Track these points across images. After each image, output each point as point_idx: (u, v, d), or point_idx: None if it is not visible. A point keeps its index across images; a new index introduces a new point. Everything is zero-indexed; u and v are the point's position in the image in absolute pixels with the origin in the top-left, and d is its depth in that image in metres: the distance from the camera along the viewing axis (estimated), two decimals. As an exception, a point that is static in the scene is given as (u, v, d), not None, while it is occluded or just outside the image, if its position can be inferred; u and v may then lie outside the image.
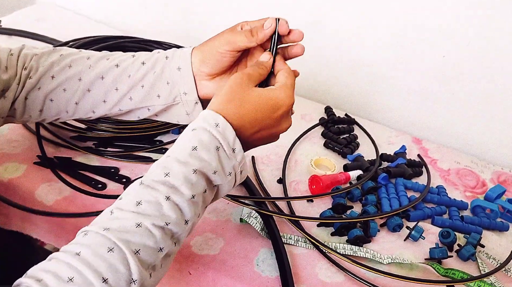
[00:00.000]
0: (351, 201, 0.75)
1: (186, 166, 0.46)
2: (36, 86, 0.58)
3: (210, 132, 0.48)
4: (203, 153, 0.47)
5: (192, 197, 0.45)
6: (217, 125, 0.48)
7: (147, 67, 0.59)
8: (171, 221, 0.44)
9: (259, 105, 0.51)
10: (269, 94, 0.52)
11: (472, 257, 0.67)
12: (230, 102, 0.50)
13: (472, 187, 0.85)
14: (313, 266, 0.62)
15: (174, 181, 0.45)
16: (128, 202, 0.44)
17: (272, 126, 0.53)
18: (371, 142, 0.91)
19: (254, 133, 0.51)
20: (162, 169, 0.46)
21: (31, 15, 1.12)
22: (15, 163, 0.69)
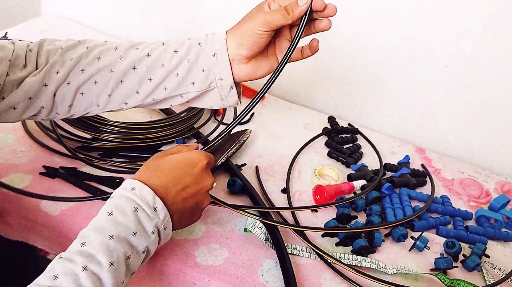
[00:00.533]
0: (355, 211, 0.75)
1: (102, 232, 0.45)
2: (65, 81, 0.58)
3: (126, 196, 0.49)
4: (119, 217, 0.47)
5: (111, 264, 0.44)
6: (133, 189, 0.49)
7: (181, 55, 0.57)
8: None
9: (175, 165, 0.54)
10: (180, 155, 0.55)
11: (477, 267, 0.67)
12: (146, 171, 0.53)
13: (476, 197, 0.85)
14: (317, 276, 0.62)
15: (90, 250, 0.44)
16: (45, 276, 0.43)
17: (195, 183, 0.54)
18: (374, 152, 0.91)
19: (179, 192, 0.53)
20: (79, 238, 0.46)
21: (37, 26, 1.13)
22: (20, 173, 0.69)
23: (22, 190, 0.66)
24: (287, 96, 1.06)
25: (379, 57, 0.94)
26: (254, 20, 0.56)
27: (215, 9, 1.05)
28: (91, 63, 0.58)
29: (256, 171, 0.80)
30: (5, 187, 0.66)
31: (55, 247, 0.67)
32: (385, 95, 0.98)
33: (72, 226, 0.64)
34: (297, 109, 1.03)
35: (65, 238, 0.65)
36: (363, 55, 0.95)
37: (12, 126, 0.79)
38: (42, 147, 0.75)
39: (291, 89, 1.06)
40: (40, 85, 0.57)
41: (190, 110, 0.84)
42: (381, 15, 0.89)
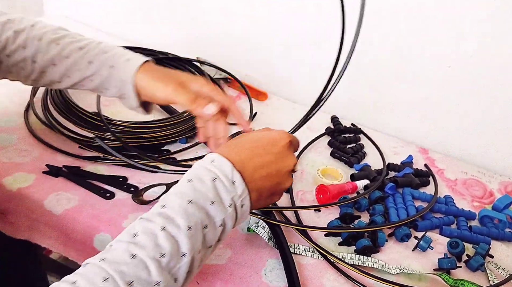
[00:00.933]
0: (358, 211, 0.74)
1: (182, 196, 0.46)
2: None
3: (205, 167, 0.49)
4: (198, 184, 0.48)
5: (188, 228, 0.45)
6: (213, 161, 0.50)
7: (95, 68, 0.64)
8: (166, 252, 0.43)
9: (255, 142, 0.53)
10: (263, 133, 0.55)
11: (481, 267, 0.67)
12: (225, 147, 0.53)
13: (479, 197, 0.85)
14: (320, 276, 0.62)
15: (169, 212, 0.45)
16: (125, 234, 0.44)
17: (275, 161, 0.53)
18: (377, 152, 0.91)
19: (258, 169, 0.52)
20: (160, 202, 0.47)
21: (40, 26, 1.13)
22: (23, 172, 0.69)
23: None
24: (291, 96, 1.06)
25: (382, 58, 0.93)
26: (165, 83, 0.62)
27: (215, 8, 1.05)
28: (16, 50, 0.63)
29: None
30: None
31: (58, 245, 0.67)
32: (388, 95, 0.97)
33: (76, 225, 0.64)
34: (300, 109, 1.02)
35: (68, 237, 0.65)
36: (366, 55, 0.95)
37: (16, 126, 0.79)
38: (46, 145, 0.75)
39: (294, 89, 1.06)
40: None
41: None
42: (385, 15, 0.89)
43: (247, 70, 1.07)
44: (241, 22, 1.04)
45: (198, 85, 0.63)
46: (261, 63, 1.06)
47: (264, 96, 1.04)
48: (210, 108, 0.61)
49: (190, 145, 0.82)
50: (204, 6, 1.06)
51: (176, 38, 1.13)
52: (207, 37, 1.10)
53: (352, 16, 0.65)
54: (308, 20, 0.97)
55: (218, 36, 1.08)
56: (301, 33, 0.99)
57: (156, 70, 0.64)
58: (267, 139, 0.54)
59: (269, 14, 1.00)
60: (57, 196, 0.66)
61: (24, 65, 0.64)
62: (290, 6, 0.97)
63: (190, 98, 0.61)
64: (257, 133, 0.56)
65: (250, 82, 1.05)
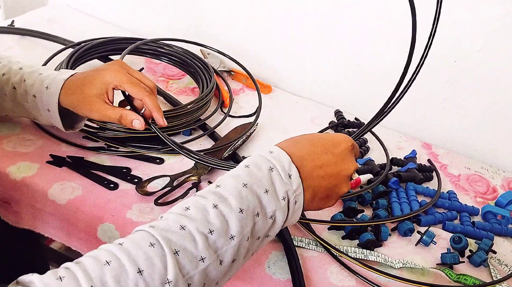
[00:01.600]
0: (361, 205, 0.74)
1: (237, 179, 0.47)
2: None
3: (263, 156, 0.49)
4: (255, 170, 0.48)
5: (240, 211, 0.44)
6: (271, 152, 0.50)
7: (21, 94, 0.66)
8: (215, 229, 0.43)
9: (316, 141, 0.52)
10: (325, 134, 0.54)
11: (483, 263, 0.67)
12: (286, 141, 0.53)
13: (482, 193, 0.85)
14: (324, 269, 0.62)
15: (223, 192, 0.46)
16: (178, 207, 0.45)
17: (334, 163, 0.52)
18: (381, 146, 0.90)
19: (316, 168, 0.50)
20: (215, 182, 0.47)
21: (44, 15, 1.13)
22: (28, 162, 0.69)
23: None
24: (294, 89, 1.06)
25: (387, 52, 0.93)
26: (90, 105, 0.63)
27: (220, 1, 1.04)
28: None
29: (262, 164, 0.79)
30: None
31: (61, 235, 0.67)
32: (392, 90, 0.97)
33: (79, 215, 0.64)
34: (304, 103, 1.02)
35: (72, 227, 0.65)
36: (370, 51, 0.95)
37: (19, 115, 0.79)
38: (50, 135, 0.75)
39: (298, 83, 1.06)
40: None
41: (196, 102, 0.83)
42: (389, 9, 0.89)
43: (250, 63, 1.07)
44: (245, 15, 1.04)
45: (116, 83, 0.64)
46: (264, 56, 1.06)
47: (268, 89, 1.03)
48: (136, 124, 0.64)
49: (194, 137, 0.82)
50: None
51: (179, 29, 1.12)
52: (210, 30, 1.09)
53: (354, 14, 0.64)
54: (312, 13, 0.96)
55: (221, 29, 1.08)
56: (305, 26, 0.98)
57: (73, 92, 0.64)
58: (329, 140, 0.53)
59: (274, 6, 0.99)
60: (61, 186, 0.66)
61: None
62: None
63: (115, 119, 0.64)
64: (319, 133, 0.55)
65: (253, 75, 1.05)
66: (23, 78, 0.66)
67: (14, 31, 1.03)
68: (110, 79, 0.63)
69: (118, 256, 0.39)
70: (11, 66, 0.68)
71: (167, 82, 0.99)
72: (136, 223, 0.63)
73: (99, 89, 0.63)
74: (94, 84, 0.63)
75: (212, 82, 0.90)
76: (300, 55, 1.02)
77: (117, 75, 0.63)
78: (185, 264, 0.40)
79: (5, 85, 0.67)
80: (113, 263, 0.38)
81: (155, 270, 0.39)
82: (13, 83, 0.66)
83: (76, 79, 0.65)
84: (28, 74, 0.66)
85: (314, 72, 1.03)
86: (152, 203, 0.66)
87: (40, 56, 0.90)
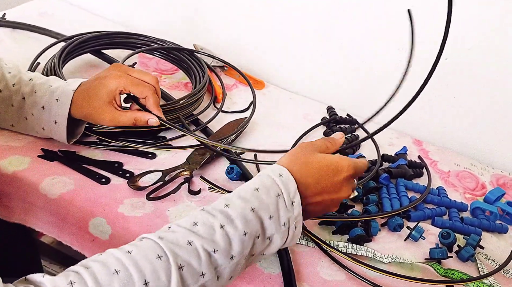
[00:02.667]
0: (352, 200, 0.75)
1: (246, 202, 0.49)
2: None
3: (273, 180, 0.51)
4: (263, 195, 0.50)
5: (244, 234, 0.47)
6: (281, 175, 0.52)
7: (29, 105, 0.67)
8: (219, 249, 0.45)
9: (322, 167, 0.55)
10: (331, 158, 0.56)
11: (471, 258, 0.68)
12: (296, 162, 0.54)
13: (471, 189, 0.86)
14: (314, 264, 0.63)
15: (231, 213, 0.48)
16: (186, 221, 0.47)
17: (333, 191, 0.55)
18: (372, 143, 0.91)
19: (316, 195, 0.54)
20: (224, 200, 0.49)
21: (36, 8, 1.12)
22: (19, 156, 0.69)
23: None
24: (287, 85, 1.06)
25: (379, 50, 0.93)
26: (101, 114, 0.65)
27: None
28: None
29: (255, 159, 0.80)
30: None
31: (53, 229, 0.67)
32: (384, 87, 0.98)
33: (71, 209, 0.64)
34: (297, 99, 1.03)
35: (64, 221, 0.65)
36: (363, 48, 0.95)
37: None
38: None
39: (291, 79, 1.06)
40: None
41: (189, 97, 0.83)
42: (382, 8, 0.89)
43: (244, 58, 1.07)
44: (239, 10, 1.03)
45: (121, 88, 0.65)
46: (257, 52, 1.06)
47: (261, 85, 1.04)
48: (152, 122, 0.67)
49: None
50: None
51: (173, 24, 1.12)
52: (204, 25, 1.09)
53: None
54: (307, 11, 0.96)
55: (215, 24, 1.08)
56: (299, 22, 0.98)
57: (82, 106, 0.66)
58: (334, 167, 0.55)
59: (269, 4, 0.99)
60: (53, 180, 0.66)
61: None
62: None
63: (128, 124, 0.67)
64: (326, 157, 0.56)
65: (247, 70, 1.05)
66: (34, 89, 0.66)
67: (5, 24, 1.02)
68: (114, 86, 0.65)
69: (127, 265, 0.40)
70: (21, 77, 0.68)
71: (160, 77, 0.99)
72: (127, 217, 0.63)
73: (106, 98, 0.65)
74: (100, 95, 0.65)
75: (205, 78, 0.90)
76: (293, 51, 1.02)
77: (120, 80, 0.65)
78: (187, 278, 0.43)
79: (14, 95, 0.67)
80: (122, 273, 0.40)
81: (159, 283, 0.41)
82: (23, 93, 0.66)
83: (82, 91, 0.66)
84: (39, 86, 0.67)
85: (307, 68, 1.03)
86: (144, 197, 0.66)
87: (32, 49, 0.90)
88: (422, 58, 0.75)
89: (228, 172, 0.73)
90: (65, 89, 0.66)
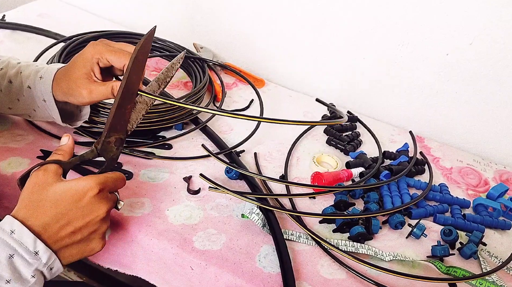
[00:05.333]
0: (353, 198, 0.75)
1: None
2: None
3: (3, 241, 0.47)
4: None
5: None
6: (12, 232, 0.47)
7: (17, 87, 0.66)
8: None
9: (59, 200, 0.50)
10: (68, 186, 0.51)
11: (474, 255, 0.67)
12: (26, 206, 0.50)
13: (474, 186, 0.85)
14: (315, 262, 0.63)
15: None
16: None
17: (82, 216, 0.51)
18: (373, 140, 0.91)
19: (62, 227, 0.50)
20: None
21: (35, 10, 1.12)
22: (18, 157, 0.69)
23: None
24: (288, 83, 1.06)
25: (380, 46, 0.93)
26: (78, 87, 0.62)
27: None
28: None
29: (255, 158, 0.80)
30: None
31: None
32: (385, 84, 0.97)
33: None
34: (297, 96, 1.02)
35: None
36: (363, 44, 0.94)
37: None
38: (40, 131, 0.75)
39: (291, 77, 1.05)
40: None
41: (189, 97, 0.83)
42: (383, 2, 0.88)
43: (244, 57, 1.07)
44: (238, 10, 1.03)
45: (97, 56, 0.62)
46: (258, 51, 1.06)
47: (261, 83, 1.03)
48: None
49: (186, 131, 0.82)
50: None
51: (173, 24, 1.11)
52: (203, 24, 1.08)
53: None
54: (306, 8, 0.96)
55: (215, 23, 1.07)
56: (300, 20, 0.98)
57: (62, 80, 0.63)
58: (72, 194, 0.51)
59: (269, 2, 0.99)
60: (52, 181, 0.66)
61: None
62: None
63: (106, 94, 0.62)
64: (60, 187, 0.51)
65: (247, 69, 1.04)
66: (20, 70, 0.66)
67: (5, 26, 1.02)
68: (90, 54, 0.62)
69: None
70: (10, 61, 0.68)
71: (159, 76, 0.98)
72: (126, 217, 0.63)
73: (84, 69, 0.62)
74: (77, 65, 0.62)
75: (205, 77, 0.90)
76: (293, 49, 1.02)
77: (95, 48, 0.62)
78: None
79: (0, 80, 0.67)
80: None
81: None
82: (9, 76, 0.66)
83: (64, 69, 0.65)
84: (25, 67, 0.67)
85: (307, 66, 1.02)
86: (143, 197, 0.66)
87: (32, 50, 0.90)
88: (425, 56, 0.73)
89: (227, 171, 0.73)
90: (49, 68, 0.65)
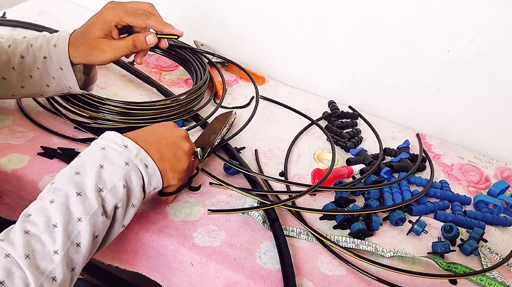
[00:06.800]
0: (353, 195, 0.74)
1: (69, 170, 0.51)
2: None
3: (95, 142, 0.54)
4: (84, 156, 0.53)
5: (78, 194, 0.48)
6: (102, 137, 0.55)
7: (30, 62, 0.66)
8: (58, 221, 0.46)
9: (150, 127, 0.61)
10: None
11: (474, 251, 0.67)
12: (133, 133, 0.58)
13: (475, 182, 0.85)
14: (315, 259, 0.62)
15: (57, 185, 0.50)
16: (21, 215, 0.48)
17: (169, 134, 0.60)
18: (375, 136, 0.90)
19: (148, 135, 0.58)
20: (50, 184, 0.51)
21: (36, 7, 1.12)
22: (18, 154, 0.69)
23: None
24: (288, 80, 1.06)
25: (381, 43, 0.92)
26: (100, 44, 0.64)
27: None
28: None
29: (255, 154, 0.79)
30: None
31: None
32: (386, 81, 0.97)
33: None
34: (297, 93, 1.02)
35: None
36: (365, 42, 0.94)
37: (10, 107, 0.78)
38: (41, 127, 0.75)
39: (292, 74, 1.05)
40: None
41: (190, 93, 0.83)
42: (381, 1, 0.88)
43: (244, 54, 1.07)
44: (238, 10, 1.03)
45: (116, 19, 0.65)
46: (259, 48, 1.06)
47: (262, 80, 1.03)
48: (150, 38, 0.67)
49: (187, 128, 0.82)
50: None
51: (173, 21, 1.11)
52: (204, 21, 1.08)
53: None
54: (307, 5, 0.96)
55: (214, 22, 1.07)
56: (301, 17, 0.97)
57: (80, 43, 0.65)
58: (160, 124, 0.62)
59: (267, 2, 0.99)
60: (52, 177, 0.65)
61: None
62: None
63: (129, 47, 0.66)
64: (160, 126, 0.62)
65: (247, 66, 1.04)
66: (30, 43, 0.66)
67: (5, 23, 1.02)
68: (109, 17, 0.65)
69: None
70: (15, 37, 0.68)
71: (160, 73, 0.98)
72: (127, 214, 0.63)
73: (103, 30, 0.65)
74: (96, 27, 0.64)
75: (206, 74, 0.90)
76: (294, 46, 1.02)
77: (114, 11, 0.65)
78: (39, 264, 0.44)
79: (11, 57, 0.66)
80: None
81: (15, 277, 0.42)
82: (20, 52, 0.66)
83: (78, 33, 0.66)
84: (34, 40, 0.67)
85: (307, 63, 1.02)
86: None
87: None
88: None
89: (226, 168, 0.73)
90: (61, 35, 0.66)
